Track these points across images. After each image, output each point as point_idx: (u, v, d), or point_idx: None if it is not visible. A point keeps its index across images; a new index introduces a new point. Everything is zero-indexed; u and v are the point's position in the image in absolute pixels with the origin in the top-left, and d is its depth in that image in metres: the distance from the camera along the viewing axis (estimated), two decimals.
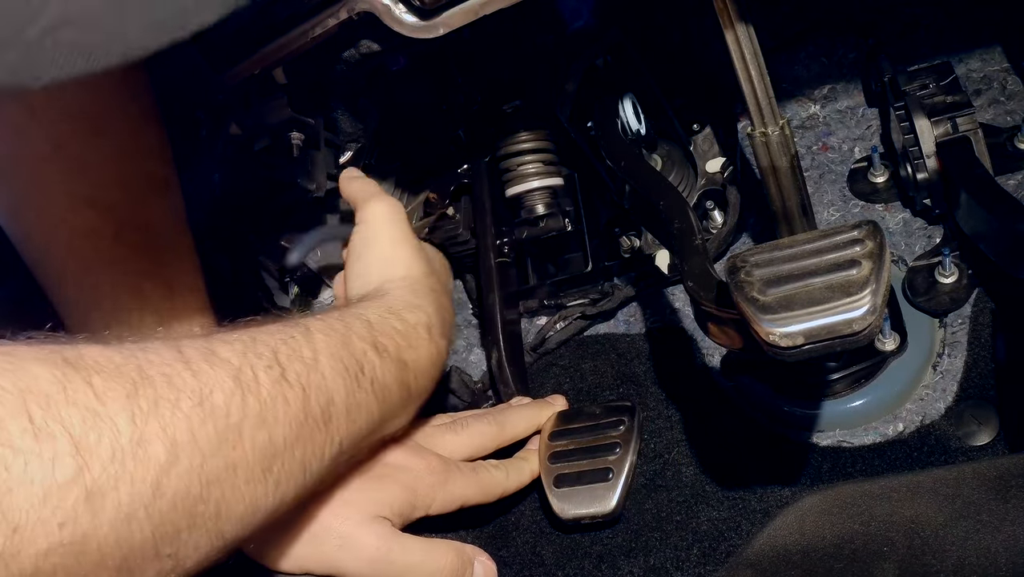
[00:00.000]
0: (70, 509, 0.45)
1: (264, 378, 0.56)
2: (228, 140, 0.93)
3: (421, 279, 0.77)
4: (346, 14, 0.75)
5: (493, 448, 0.81)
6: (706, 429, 0.82)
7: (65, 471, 0.45)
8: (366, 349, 0.66)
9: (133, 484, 0.47)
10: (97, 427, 0.46)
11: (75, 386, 0.47)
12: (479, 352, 1.00)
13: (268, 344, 0.59)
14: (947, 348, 0.79)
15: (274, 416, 0.56)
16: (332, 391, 0.61)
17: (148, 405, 0.49)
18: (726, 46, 0.71)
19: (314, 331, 0.63)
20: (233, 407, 0.53)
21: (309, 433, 0.59)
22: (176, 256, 0.83)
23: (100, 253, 0.79)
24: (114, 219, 0.79)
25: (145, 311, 0.79)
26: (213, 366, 0.54)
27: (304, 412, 0.58)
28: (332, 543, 0.68)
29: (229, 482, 0.53)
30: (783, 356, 0.58)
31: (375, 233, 0.81)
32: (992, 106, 0.89)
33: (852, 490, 0.67)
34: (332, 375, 0.61)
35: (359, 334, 0.66)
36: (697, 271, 0.69)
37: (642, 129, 0.92)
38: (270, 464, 0.56)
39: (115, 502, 0.46)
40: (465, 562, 0.73)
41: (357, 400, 0.64)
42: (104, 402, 0.47)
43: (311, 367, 0.60)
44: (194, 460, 0.50)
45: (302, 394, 0.58)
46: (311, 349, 0.61)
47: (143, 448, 0.48)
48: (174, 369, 0.52)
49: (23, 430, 0.44)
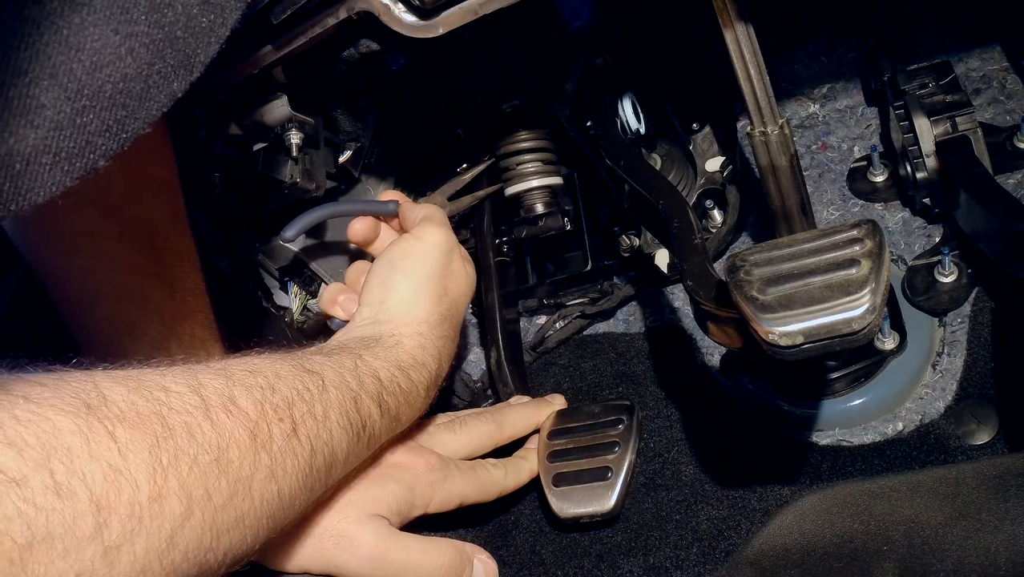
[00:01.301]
0: (88, 562, 0.45)
1: (277, 433, 0.57)
2: (228, 140, 0.93)
3: (435, 328, 0.77)
4: (346, 14, 0.75)
5: (492, 447, 0.81)
6: (705, 428, 0.82)
7: (85, 528, 0.45)
8: (371, 409, 0.67)
9: (149, 538, 0.48)
10: (118, 484, 0.47)
11: (98, 439, 0.47)
12: (478, 351, 1.00)
13: (285, 396, 0.59)
14: (946, 347, 0.79)
15: (283, 471, 0.57)
16: (336, 448, 0.63)
17: (168, 459, 0.50)
18: (725, 45, 0.71)
19: (328, 387, 0.64)
20: (246, 462, 0.55)
21: (311, 485, 0.61)
22: (177, 256, 0.83)
23: (102, 253, 0.79)
24: (116, 219, 0.79)
25: (146, 311, 0.79)
26: (231, 416, 0.55)
27: (310, 467, 0.60)
28: (330, 542, 0.68)
29: (237, 532, 0.54)
30: (782, 355, 0.58)
31: (418, 256, 0.79)
32: (991, 105, 0.89)
33: (852, 489, 0.67)
34: (339, 433, 0.63)
35: (368, 392, 0.67)
36: (696, 270, 0.69)
37: (641, 128, 0.92)
38: (275, 512, 0.57)
39: (131, 556, 0.47)
40: (464, 560, 0.73)
41: (355, 453, 0.66)
42: (126, 457, 0.48)
43: (321, 425, 0.61)
44: (207, 514, 0.52)
45: (310, 451, 0.60)
46: (323, 406, 0.62)
47: (160, 504, 0.49)
48: (194, 419, 0.53)
49: (45, 487, 0.44)
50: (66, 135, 0.46)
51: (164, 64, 0.50)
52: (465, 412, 0.85)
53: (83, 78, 0.46)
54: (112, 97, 0.48)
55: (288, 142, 0.89)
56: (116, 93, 0.48)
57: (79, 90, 0.46)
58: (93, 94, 0.47)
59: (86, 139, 0.47)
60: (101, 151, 0.48)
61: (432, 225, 0.81)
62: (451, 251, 0.81)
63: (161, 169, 0.84)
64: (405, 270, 0.78)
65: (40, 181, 0.45)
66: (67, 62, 0.46)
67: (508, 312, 0.95)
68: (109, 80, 0.47)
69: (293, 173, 0.91)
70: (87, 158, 0.47)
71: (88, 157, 0.47)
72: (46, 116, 0.45)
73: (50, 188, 0.46)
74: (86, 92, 0.46)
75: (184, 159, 0.88)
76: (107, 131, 0.48)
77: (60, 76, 0.45)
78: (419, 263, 0.78)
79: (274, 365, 0.62)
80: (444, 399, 0.94)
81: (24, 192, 0.45)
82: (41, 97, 0.45)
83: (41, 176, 0.45)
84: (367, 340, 0.73)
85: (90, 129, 0.47)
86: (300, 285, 1.03)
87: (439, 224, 0.82)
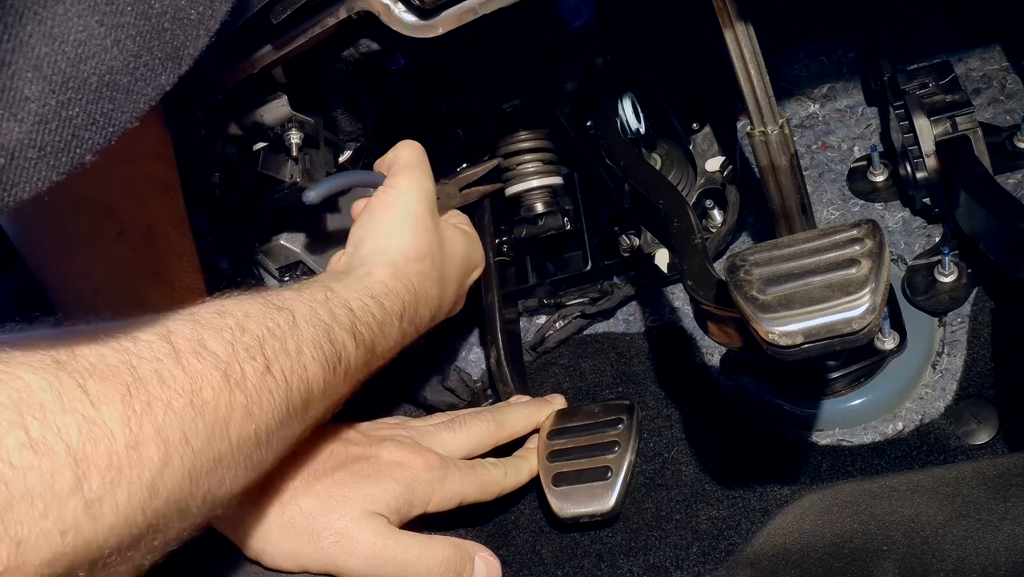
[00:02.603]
0: (71, 518, 0.45)
1: (250, 371, 0.57)
2: (228, 140, 0.93)
3: (411, 262, 0.77)
4: (345, 14, 0.75)
5: (491, 446, 0.81)
6: (705, 428, 0.82)
7: (64, 483, 0.45)
8: (346, 340, 0.67)
9: (130, 487, 0.48)
10: (93, 435, 0.47)
11: (70, 392, 0.47)
12: (478, 351, 1.00)
13: (255, 334, 0.59)
14: (946, 347, 0.79)
15: (259, 408, 0.57)
16: (312, 382, 0.63)
17: (141, 407, 0.50)
18: (725, 45, 0.71)
19: (300, 321, 0.63)
20: (221, 403, 0.54)
21: (288, 421, 0.61)
22: (177, 256, 0.83)
23: (101, 254, 0.79)
24: (115, 220, 0.79)
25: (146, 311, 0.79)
26: (202, 360, 0.55)
27: (286, 403, 0.60)
28: (329, 540, 0.68)
29: (216, 474, 0.54)
30: (783, 355, 0.58)
31: (393, 201, 0.80)
32: (991, 105, 0.89)
33: (852, 489, 0.67)
34: (313, 366, 0.63)
35: (341, 323, 0.67)
36: (696, 270, 0.69)
37: (641, 128, 0.92)
38: (252, 452, 0.57)
39: (113, 506, 0.47)
40: (464, 558, 0.73)
41: (332, 386, 0.66)
42: (99, 408, 0.48)
43: (295, 359, 0.61)
44: (185, 458, 0.51)
45: (285, 386, 0.60)
46: (295, 340, 0.62)
47: (138, 451, 0.49)
48: (164, 365, 0.52)
49: (21, 444, 0.44)
50: (51, 129, 0.45)
51: (151, 56, 0.49)
52: (465, 411, 0.85)
53: (68, 70, 0.45)
54: (98, 90, 0.47)
55: (288, 142, 0.89)
56: (102, 86, 0.47)
57: (64, 82, 0.45)
58: (78, 86, 0.46)
59: (72, 133, 0.46)
60: (88, 145, 0.47)
61: (405, 171, 0.82)
62: (428, 194, 0.81)
63: (161, 169, 0.84)
64: (381, 217, 0.79)
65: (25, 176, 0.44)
66: (51, 54, 0.45)
67: (508, 312, 0.95)
68: (95, 72, 0.46)
69: (293, 173, 0.91)
70: (73, 152, 0.46)
71: (75, 151, 0.46)
72: (30, 109, 0.44)
73: (36, 183, 0.45)
74: (71, 84, 0.45)
75: (184, 159, 0.88)
76: (93, 124, 0.47)
77: (44, 68, 0.44)
78: (392, 208, 0.80)
79: (242, 305, 0.61)
80: (443, 399, 0.94)
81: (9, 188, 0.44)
82: (25, 90, 0.44)
83: (26, 171, 0.44)
84: (338, 273, 0.74)
85: (76, 123, 0.46)
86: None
87: (412, 167, 0.83)
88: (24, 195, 0.44)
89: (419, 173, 0.82)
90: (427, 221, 0.80)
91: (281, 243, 1.00)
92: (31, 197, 0.45)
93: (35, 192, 0.45)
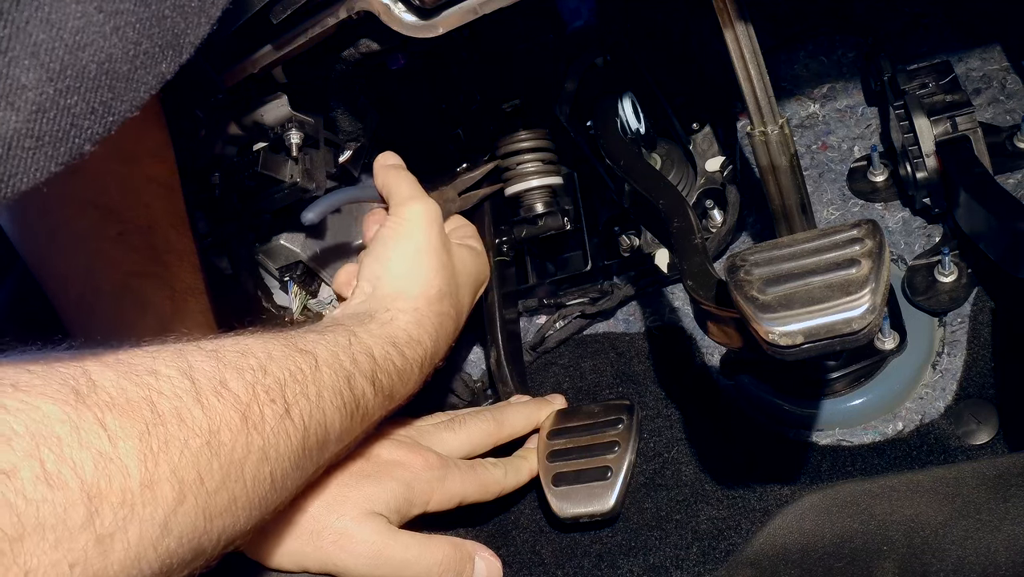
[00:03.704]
0: (80, 552, 0.45)
1: (269, 414, 0.57)
2: (228, 140, 0.93)
3: (432, 303, 0.76)
4: (345, 13, 0.75)
5: (491, 445, 0.82)
6: (705, 428, 0.82)
7: (77, 518, 0.45)
8: (365, 387, 0.67)
9: (142, 525, 0.48)
10: (108, 472, 0.46)
11: (87, 427, 0.47)
12: (478, 351, 1.00)
13: (277, 377, 0.59)
14: (946, 347, 0.79)
15: (276, 452, 0.57)
16: (329, 427, 0.63)
17: (159, 445, 0.49)
18: (725, 45, 0.71)
19: (322, 366, 0.63)
20: (238, 445, 0.54)
21: (303, 464, 0.61)
22: (177, 257, 0.83)
23: (101, 254, 0.79)
24: (115, 220, 0.79)
25: (146, 312, 0.79)
26: (222, 400, 0.54)
27: (303, 447, 0.60)
28: (328, 540, 0.68)
29: (230, 515, 0.54)
30: (783, 355, 0.58)
31: (406, 233, 0.79)
32: (991, 105, 0.89)
33: (852, 489, 0.67)
34: (332, 413, 0.63)
35: (363, 371, 0.67)
36: (696, 270, 0.69)
37: (641, 128, 0.92)
38: (267, 494, 0.57)
39: (124, 543, 0.47)
40: (464, 557, 0.73)
41: (348, 431, 0.66)
42: (116, 444, 0.47)
43: (314, 404, 0.61)
44: (199, 498, 0.51)
45: (303, 430, 0.60)
46: (316, 386, 0.62)
47: (152, 490, 0.48)
48: (184, 404, 0.52)
49: (36, 477, 0.44)
50: (49, 117, 0.44)
51: (151, 44, 0.48)
52: (464, 411, 0.85)
53: (66, 58, 0.44)
54: (97, 78, 0.46)
55: (288, 142, 0.89)
56: (101, 74, 0.46)
57: (62, 70, 0.44)
58: (77, 75, 0.45)
59: (71, 122, 0.45)
60: (87, 135, 0.46)
61: (410, 201, 0.81)
62: (436, 222, 0.81)
63: (161, 169, 0.84)
64: (397, 247, 0.78)
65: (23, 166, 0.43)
66: (49, 41, 0.44)
67: (508, 312, 0.95)
68: (93, 60, 0.45)
69: (293, 173, 0.91)
70: (72, 142, 0.45)
71: (73, 141, 0.45)
72: (27, 98, 0.43)
73: (33, 174, 0.44)
74: (69, 72, 0.44)
75: (184, 159, 0.88)
76: (92, 113, 0.46)
77: (42, 55, 0.43)
78: (409, 238, 0.79)
79: (266, 345, 0.61)
80: (444, 398, 0.94)
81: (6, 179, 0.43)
82: (22, 78, 0.43)
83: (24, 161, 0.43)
84: (361, 316, 0.73)
85: (74, 112, 0.45)
86: (300, 285, 1.03)
87: (416, 197, 0.82)
88: (22, 186, 0.44)
89: (424, 199, 0.81)
90: (442, 255, 0.79)
91: (281, 243, 1.00)
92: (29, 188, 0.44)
93: (33, 183, 0.44)
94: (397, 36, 0.75)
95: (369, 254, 0.80)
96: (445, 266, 0.79)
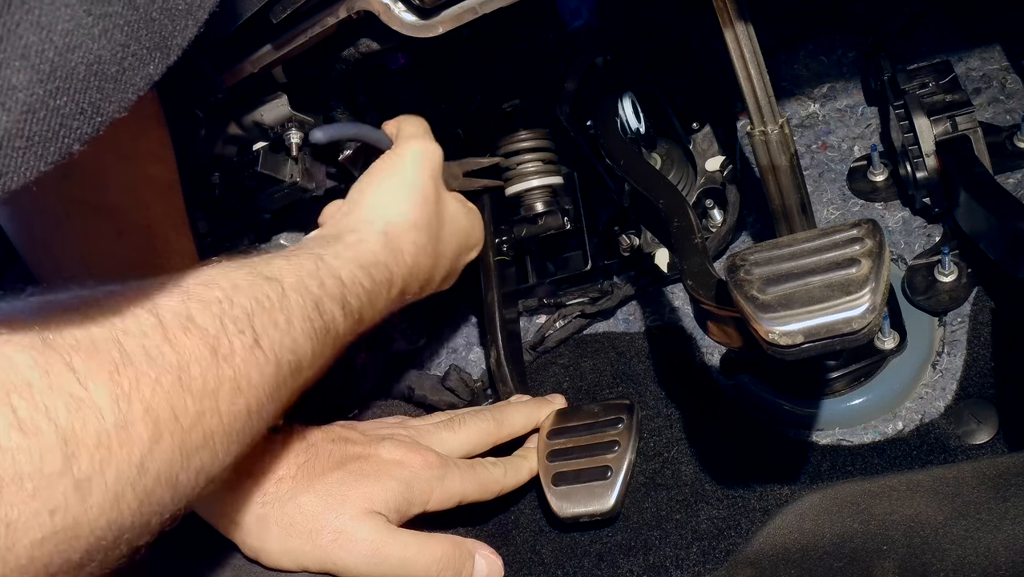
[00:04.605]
0: (60, 497, 0.45)
1: (238, 346, 0.57)
2: (228, 140, 0.93)
3: (406, 231, 0.77)
4: (345, 13, 0.75)
5: (491, 444, 0.82)
6: (705, 428, 0.82)
7: (54, 463, 0.45)
8: (335, 311, 0.67)
9: (119, 466, 0.48)
10: (82, 414, 0.47)
11: (56, 370, 0.47)
12: (478, 350, 1.00)
13: (244, 307, 0.59)
14: (946, 347, 0.79)
15: (248, 383, 0.57)
16: (301, 354, 0.62)
17: (130, 384, 0.49)
18: (725, 45, 0.71)
19: (289, 292, 0.63)
20: (209, 378, 0.54)
21: (278, 393, 0.61)
22: (177, 257, 0.83)
23: (102, 255, 0.79)
24: (115, 220, 0.79)
25: None
26: (189, 335, 0.54)
27: (276, 377, 0.60)
28: (327, 539, 0.68)
29: (208, 449, 0.54)
30: (782, 355, 0.58)
31: (397, 168, 0.80)
32: (991, 105, 0.89)
33: (851, 489, 0.67)
34: (303, 340, 0.63)
35: (331, 295, 0.67)
36: (696, 270, 0.69)
37: (641, 128, 0.92)
38: (243, 426, 0.57)
39: (102, 486, 0.47)
40: (464, 555, 0.73)
41: (319, 356, 0.66)
42: (87, 386, 0.47)
43: (284, 332, 0.61)
44: (175, 436, 0.51)
45: (274, 360, 0.59)
46: (285, 314, 0.62)
47: (127, 430, 0.48)
48: (152, 341, 0.52)
49: (9, 425, 0.44)
50: (39, 118, 0.44)
51: (139, 46, 0.49)
52: (464, 410, 0.85)
53: (55, 59, 0.45)
54: (86, 79, 0.46)
55: (288, 142, 0.89)
56: (90, 75, 0.46)
57: (52, 71, 0.44)
58: (66, 76, 0.45)
59: (60, 122, 0.45)
60: (76, 135, 0.46)
61: (412, 139, 0.82)
62: (431, 163, 0.81)
63: (161, 169, 0.84)
64: (384, 179, 0.79)
65: (13, 166, 0.44)
66: (39, 43, 0.44)
67: (508, 311, 0.95)
68: (83, 62, 0.46)
69: (293, 172, 0.91)
70: (61, 142, 0.45)
71: (63, 141, 0.45)
72: (18, 98, 0.43)
73: (24, 173, 0.44)
74: (59, 73, 0.45)
75: (184, 159, 0.88)
76: (82, 114, 0.46)
77: (32, 57, 0.44)
78: (395, 173, 0.79)
79: (230, 275, 0.60)
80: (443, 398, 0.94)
81: None
82: (12, 79, 0.43)
83: (14, 161, 0.44)
84: (328, 238, 0.72)
85: (64, 112, 0.45)
86: None
87: (420, 137, 0.82)
88: (12, 185, 0.44)
89: (427, 141, 0.82)
90: (429, 191, 0.80)
91: (281, 243, 1.00)
92: (19, 188, 0.44)
93: (23, 182, 0.44)
94: (397, 36, 0.75)
95: (357, 184, 0.81)
96: (429, 201, 0.79)
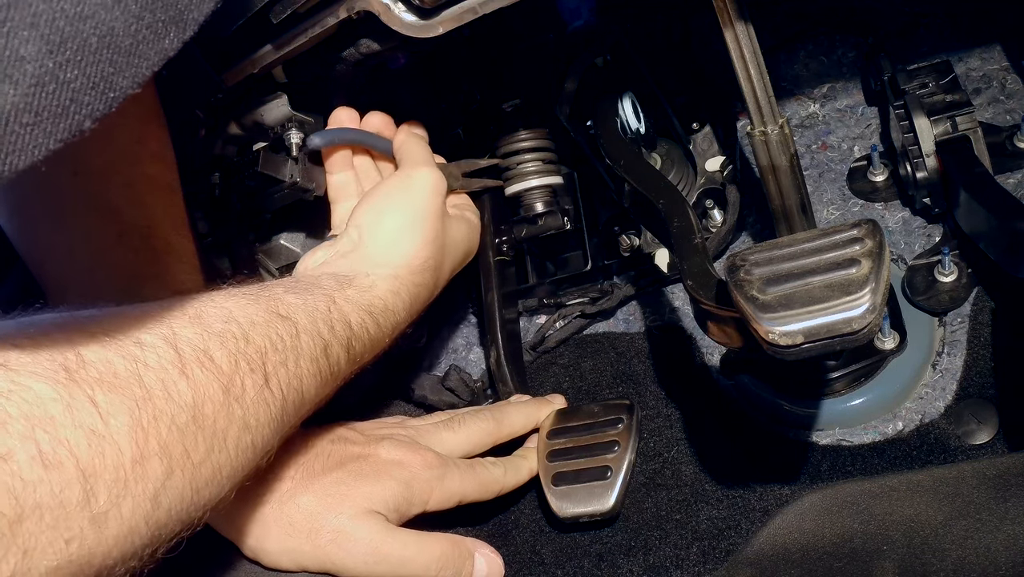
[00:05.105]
0: (77, 530, 0.46)
1: (250, 385, 0.58)
2: (228, 140, 0.93)
3: (414, 274, 0.77)
4: (345, 13, 0.75)
5: (491, 444, 0.82)
6: (705, 428, 0.82)
7: (73, 497, 0.45)
8: (340, 355, 0.68)
9: (135, 501, 0.49)
10: (101, 449, 0.47)
11: (79, 405, 0.47)
12: (478, 350, 1.00)
13: (258, 346, 0.59)
14: (946, 347, 0.79)
15: (256, 421, 0.58)
16: (306, 393, 0.64)
17: (148, 421, 0.50)
18: (725, 45, 0.71)
19: (301, 334, 0.64)
20: (220, 417, 0.55)
21: (282, 428, 0.62)
22: (177, 258, 0.83)
23: (102, 255, 0.79)
24: (116, 222, 0.79)
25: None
26: (205, 371, 0.55)
27: (282, 415, 0.61)
28: (327, 538, 0.68)
29: (216, 484, 0.55)
30: (783, 355, 0.58)
31: (409, 195, 0.80)
32: (991, 105, 0.89)
33: (852, 489, 0.67)
34: (308, 380, 0.64)
35: (339, 339, 0.67)
36: (696, 270, 0.69)
37: (641, 128, 0.92)
38: (249, 461, 0.58)
39: (118, 519, 0.48)
40: (463, 554, 0.73)
41: (322, 395, 0.67)
42: (107, 422, 0.48)
43: (292, 373, 0.62)
44: (187, 472, 0.52)
45: (281, 399, 0.61)
46: (295, 355, 0.63)
47: (143, 465, 0.49)
48: (170, 376, 0.52)
49: (31, 458, 0.44)
50: (48, 91, 0.42)
51: (154, 18, 0.47)
52: (464, 410, 0.85)
53: (66, 29, 0.42)
54: (98, 51, 0.44)
55: (288, 142, 0.89)
56: (102, 47, 0.44)
57: (62, 42, 0.42)
58: (78, 47, 0.43)
59: (70, 97, 0.43)
60: (87, 110, 0.44)
61: (422, 167, 0.82)
62: (441, 194, 0.81)
63: (161, 170, 0.84)
64: (396, 204, 0.79)
65: (21, 143, 0.42)
66: (48, 11, 0.42)
67: (508, 311, 0.95)
68: (95, 32, 0.44)
69: (293, 172, 0.91)
70: (72, 118, 0.43)
71: (73, 117, 0.43)
72: (26, 70, 0.41)
73: (32, 151, 0.42)
74: (70, 44, 0.43)
75: (184, 159, 0.88)
76: (93, 88, 0.44)
77: (41, 26, 0.42)
78: (410, 200, 0.79)
79: (247, 310, 0.61)
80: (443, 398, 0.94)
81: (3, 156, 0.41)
82: (20, 49, 0.41)
83: (22, 137, 0.42)
84: (341, 280, 0.73)
85: (74, 86, 0.43)
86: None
87: (428, 164, 0.83)
88: (20, 164, 0.42)
89: (435, 169, 0.83)
90: (436, 225, 0.80)
91: (281, 243, 1.00)
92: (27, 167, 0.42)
93: (31, 161, 0.42)
94: (397, 36, 0.75)
95: (367, 199, 0.80)
96: (437, 238, 0.80)
